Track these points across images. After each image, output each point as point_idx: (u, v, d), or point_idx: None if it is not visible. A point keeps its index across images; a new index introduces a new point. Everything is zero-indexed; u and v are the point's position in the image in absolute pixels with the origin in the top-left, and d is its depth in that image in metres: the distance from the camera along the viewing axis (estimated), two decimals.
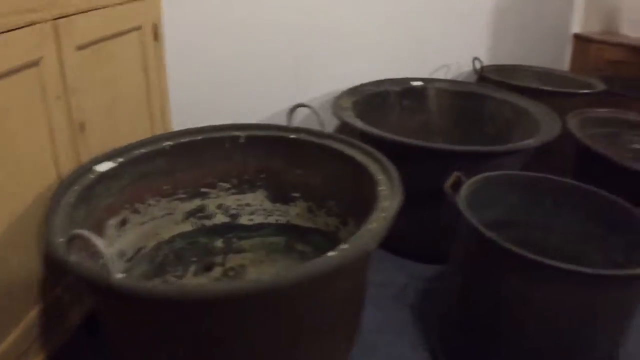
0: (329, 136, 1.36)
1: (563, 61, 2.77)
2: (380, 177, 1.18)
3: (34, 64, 1.07)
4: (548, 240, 1.53)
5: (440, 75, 2.29)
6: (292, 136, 1.38)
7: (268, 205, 1.46)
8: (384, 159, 1.23)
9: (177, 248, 1.44)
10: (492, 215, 1.51)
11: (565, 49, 2.76)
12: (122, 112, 1.44)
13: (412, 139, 1.55)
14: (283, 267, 1.47)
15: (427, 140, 2.01)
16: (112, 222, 1.27)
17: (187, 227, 1.44)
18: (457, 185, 1.39)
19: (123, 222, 1.30)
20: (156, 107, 1.60)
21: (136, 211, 1.33)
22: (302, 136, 1.38)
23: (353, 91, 1.90)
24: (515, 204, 1.52)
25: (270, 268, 1.48)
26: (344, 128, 1.66)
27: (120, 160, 1.28)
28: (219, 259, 1.49)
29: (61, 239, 0.93)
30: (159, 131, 1.61)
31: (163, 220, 1.40)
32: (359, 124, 1.62)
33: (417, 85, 2.06)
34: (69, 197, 1.12)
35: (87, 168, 1.22)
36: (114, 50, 1.38)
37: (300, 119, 1.90)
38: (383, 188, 1.13)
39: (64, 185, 1.14)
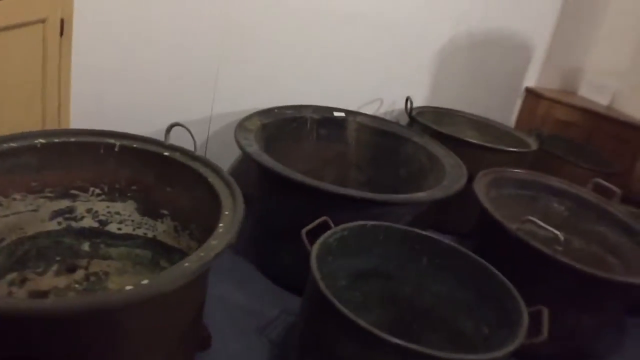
0: (199, 159, 1.35)
1: (512, 114, 2.76)
2: (226, 212, 1.17)
3: None
4: (419, 299, 1.52)
5: (372, 109, 2.28)
6: (165, 153, 1.38)
7: (137, 217, 1.45)
8: (238, 194, 1.22)
9: (41, 245, 1.43)
10: (364, 264, 1.50)
11: (516, 102, 2.74)
12: (7, 105, 1.44)
13: (290, 171, 1.52)
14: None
15: (339, 173, 2.02)
16: None
17: (53, 226, 1.43)
18: (323, 230, 1.37)
19: None
20: (53, 103, 1.60)
21: None
22: (175, 155, 1.37)
23: (266, 113, 1.88)
24: (390, 257, 1.51)
25: (132, 279, 1.47)
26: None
27: None
28: (83, 262, 1.48)
29: None
30: (52, 127, 1.61)
31: (28, 215, 1.39)
32: (250, 148, 1.60)
33: (338, 116, 2.05)
34: None
35: None
36: (4, 42, 1.37)
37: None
38: (222, 225, 1.12)
39: None
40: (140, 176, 1.41)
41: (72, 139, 1.38)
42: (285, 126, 1.90)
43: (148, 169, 1.40)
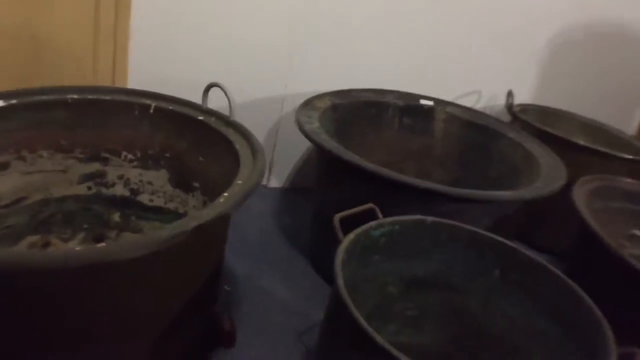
0: (232, 125, 1.18)
1: (634, 122, 2.37)
2: (239, 182, 0.99)
3: None
4: (488, 321, 1.25)
5: (469, 102, 2.00)
6: (199, 117, 1.22)
7: (169, 189, 1.31)
8: (260, 163, 1.04)
9: (68, 210, 1.33)
10: (422, 270, 1.25)
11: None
12: (55, 60, 1.37)
13: (344, 151, 1.31)
14: None
15: (422, 169, 1.78)
16: None
17: (82, 190, 1.33)
18: (369, 218, 1.15)
19: (3, 167, 1.21)
20: (106, 63, 1.51)
21: (22, 158, 1.23)
22: (210, 120, 1.21)
23: (341, 94, 1.67)
24: (454, 265, 1.25)
25: None
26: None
27: (13, 102, 1.19)
28: (112, 233, 1.36)
29: None
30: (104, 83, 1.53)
31: (55, 176, 1.29)
32: (309, 126, 1.41)
33: (425, 105, 1.80)
34: None
35: None
36: None
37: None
38: (225, 195, 0.93)
39: None
40: (174, 142, 1.27)
41: (107, 97, 1.27)
42: (362, 110, 1.69)
43: (182, 134, 1.25)
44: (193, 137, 1.24)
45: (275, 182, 1.97)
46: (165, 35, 1.64)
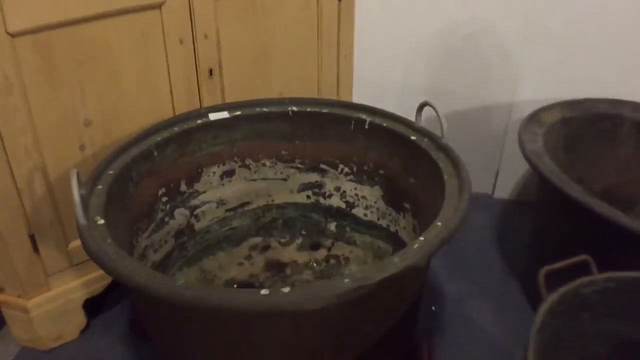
0: (444, 149, 1.10)
1: None
2: (438, 223, 0.91)
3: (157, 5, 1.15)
4: None
5: None
6: (412, 137, 1.16)
7: (382, 205, 1.28)
8: (464, 202, 0.95)
9: (288, 216, 1.39)
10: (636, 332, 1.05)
11: None
12: (274, 66, 1.42)
13: (562, 179, 1.14)
14: None
15: None
16: (214, 169, 1.28)
17: (302, 199, 1.37)
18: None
19: (229, 173, 1.31)
20: (331, 74, 1.55)
21: (246, 166, 1.32)
22: (422, 141, 1.14)
23: (572, 105, 1.44)
24: None
25: None
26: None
27: (237, 113, 1.27)
28: (327, 242, 1.39)
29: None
30: (329, 96, 1.56)
31: (276, 184, 1.36)
32: (531, 145, 1.26)
33: None
34: (162, 135, 1.16)
35: (199, 113, 1.24)
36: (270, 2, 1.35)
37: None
38: (421, 239, 0.87)
39: (164, 123, 1.19)
40: (387, 160, 1.23)
41: (325, 110, 1.28)
42: (594, 124, 1.45)
43: (395, 153, 1.21)
44: (405, 157, 1.19)
45: (500, 192, 1.83)
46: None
